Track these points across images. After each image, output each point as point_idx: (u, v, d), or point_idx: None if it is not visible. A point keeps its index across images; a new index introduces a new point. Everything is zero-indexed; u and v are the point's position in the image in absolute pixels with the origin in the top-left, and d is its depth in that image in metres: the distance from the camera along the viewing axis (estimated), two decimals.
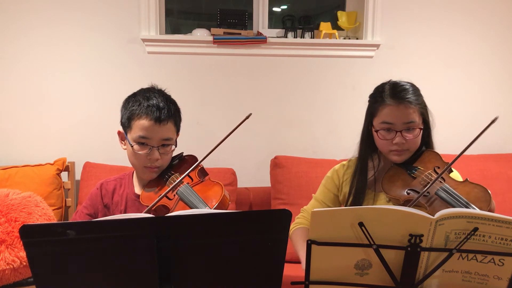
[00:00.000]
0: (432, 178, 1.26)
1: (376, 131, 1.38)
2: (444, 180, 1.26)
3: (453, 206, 1.17)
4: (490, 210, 1.16)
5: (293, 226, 1.54)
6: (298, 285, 1.14)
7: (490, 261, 0.93)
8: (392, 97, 1.35)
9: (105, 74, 2.33)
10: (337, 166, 1.55)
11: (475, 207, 1.15)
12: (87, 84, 2.33)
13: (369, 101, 1.44)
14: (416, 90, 1.39)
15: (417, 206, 1.23)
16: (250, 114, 1.22)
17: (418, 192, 1.25)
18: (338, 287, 1.00)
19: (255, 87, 2.42)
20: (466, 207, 1.15)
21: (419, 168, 1.33)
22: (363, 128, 1.46)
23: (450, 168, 1.34)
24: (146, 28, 2.31)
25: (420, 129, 1.35)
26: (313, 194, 1.58)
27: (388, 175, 1.37)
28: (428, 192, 1.24)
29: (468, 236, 0.91)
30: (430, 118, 1.41)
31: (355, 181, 1.45)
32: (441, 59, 2.48)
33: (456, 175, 1.38)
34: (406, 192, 1.27)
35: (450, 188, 1.22)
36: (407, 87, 1.37)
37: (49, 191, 2.13)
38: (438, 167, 1.31)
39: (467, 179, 1.28)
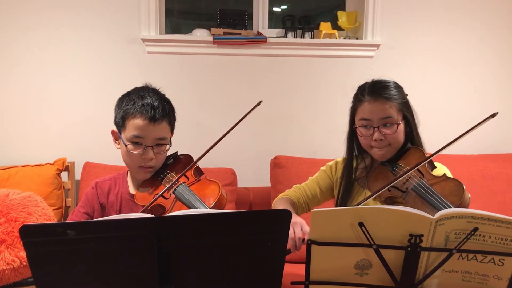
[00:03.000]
0: (412, 173, 1.27)
1: (356, 128, 1.40)
2: (423, 176, 1.27)
3: (427, 201, 1.18)
4: (462, 203, 1.16)
5: (280, 195, 1.56)
6: (298, 285, 1.15)
7: (490, 261, 0.93)
8: (370, 93, 1.37)
9: (105, 74, 2.33)
10: (339, 159, 1.57)
11: (446, 201, 1.16)
12: (87, 84, 2.33)
13: (352, 101, 1.45)
14: (397, 87, 1.40)
15: (397, 202, 1.25)
16: (260, 101, 1.22)
17: (398, 189, 1.27)
18: (338, 287, 1.00)
19: (255, 87, 2.42)
20: (438, 201, 1.16)
21: (400, 165, 1.34)
22: (348, 128, 1.48)
23: (433, 164, 1.34)
24: (146, 28, 2.31)
25: (398, 124, 1.36)
26: (310, 177, 1.59)
27: (374, 174, 1.39)
28: (406, 188, 1.25)
29: (468, 236, 0.91)
30: (414, 115, 1.41)
31: (343, 179, 1.48)
32: (441, 59, 2.48)
33: (441, 168, 1.38)
34: (388, 189, 1.28)
35: (425, 183, 1.23)
36: (387, 84, 1.39)
37: (49, 191, 2.13)
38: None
39: (444, 174, 1.29)
